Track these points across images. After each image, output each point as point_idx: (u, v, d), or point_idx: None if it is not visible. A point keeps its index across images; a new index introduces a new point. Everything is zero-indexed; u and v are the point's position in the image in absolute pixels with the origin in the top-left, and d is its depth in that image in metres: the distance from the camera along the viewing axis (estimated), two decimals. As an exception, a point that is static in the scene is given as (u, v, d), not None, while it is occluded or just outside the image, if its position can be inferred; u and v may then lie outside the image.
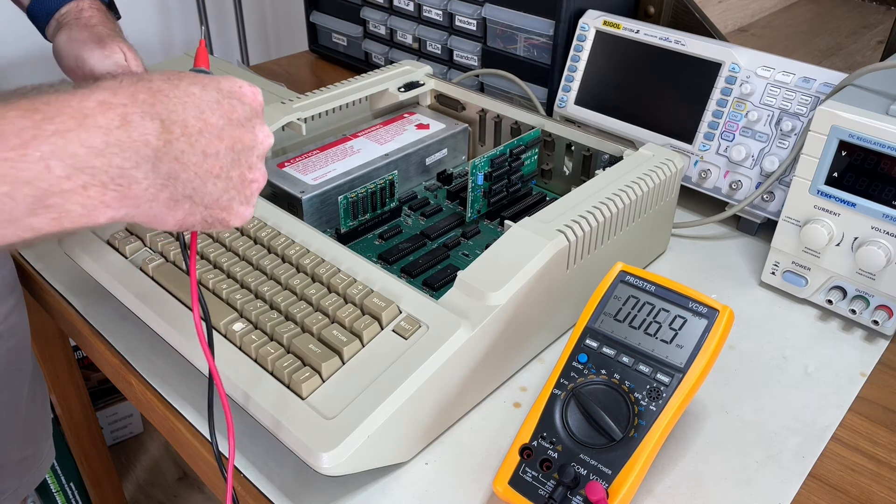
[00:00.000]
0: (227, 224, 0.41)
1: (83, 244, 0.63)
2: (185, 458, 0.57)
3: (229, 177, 0.39)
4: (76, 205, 0.33)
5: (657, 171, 0.65)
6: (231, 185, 0.39)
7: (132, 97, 0.35)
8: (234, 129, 0.39)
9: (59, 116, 0.32)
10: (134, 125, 0.34)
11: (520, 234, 0.56)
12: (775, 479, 0.51)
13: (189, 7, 1.46)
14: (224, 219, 0.40)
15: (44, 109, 0.32)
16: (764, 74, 0.73)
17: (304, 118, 0.74)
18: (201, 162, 0.37)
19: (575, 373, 0.48)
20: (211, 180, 0.38)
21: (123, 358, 0.61)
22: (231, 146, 0.39)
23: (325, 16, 1.18)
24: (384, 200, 0.70)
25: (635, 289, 0.50)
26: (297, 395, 0.47)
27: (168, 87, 0.36)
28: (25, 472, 0.81)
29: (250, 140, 0.40)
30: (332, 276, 0.55)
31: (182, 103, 0.36)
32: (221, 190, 0.39)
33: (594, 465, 0.45)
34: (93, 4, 0.63)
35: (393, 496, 0.50)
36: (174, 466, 1.44)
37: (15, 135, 0.31)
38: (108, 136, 0.33)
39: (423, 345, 0.49)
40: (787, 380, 0.59)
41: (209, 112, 0.38)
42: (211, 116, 0.38)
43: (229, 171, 0.39)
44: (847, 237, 0.62)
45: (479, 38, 0.97)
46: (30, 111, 0.32)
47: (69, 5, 0.62)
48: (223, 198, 0.39)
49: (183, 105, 0.36)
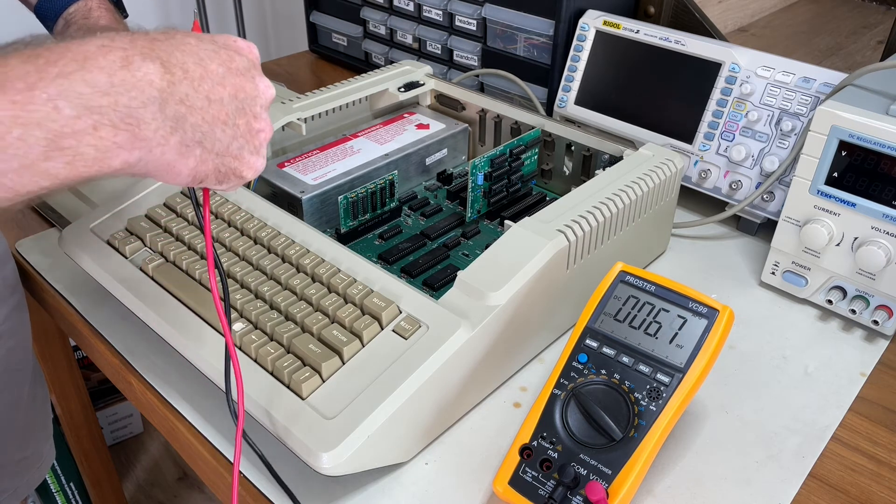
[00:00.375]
0: (240, 174, 0.41)
1: (83, 244, 0.63)
2: (185, 458, 0.57)
3: (236, 124, 0.39)
4: (89, 147, 0.33)
5: (657, 171, 0.65)
6: (239, 132, 0.39)
7: (131, 42, 0.35)
8: (235, 78, 0.39)
9: (61, 60, 0.32)
10: (135, 65, 0.34)
11: (520, 234, 0.56)
12: (775, 479, 0.51)
13: (189, 7, 1.46)
14: (237, 168, 0.40)
15: (45, 55, 0.32)
16: (764, 74, 0.73)
17: (304, 118, 0.74)
18: (206, 107, 0.37)
19: (575, 373, 0.48)
20: (219, 126, 0.38)
21: (123, 358, 0.61)
22: (234, 94, 0.39)
23: (325, 16, 1.18)
24: (384, 200, 0.70)
25: (635, 289, 0.50)
26: (297, 395, 0.47)
27: (164, 37, 0.37)
28: (25, 472, 0.81)
29: (252, 89, 0.40)
30: (332, 276, 0.55)
31: (180, 50, 0.37)
32: (230, 137, 0.39)
33: (594, 465, 0.45)
34: (101, 4, 0.63)
35: (393, 496, 0.50)
36: (174, 466, 1.44)
37: (20, 79, 0.31)
38: (111, 77, 0.33)
39: (423, 345, 0.49)
40: (787, 380, 0.59)
41: (208, 60, 0.38)
42: (210, 64, 0.38)
43: (235, 118, 0.39)
44: (847, 237, 0.62)
45: (479, 38, 0.97)
46: (32, 57, 0.32)
47: (77, 4, 0.62)
48: (233, 145, 0.39)
49: (181, 52, 0.37)
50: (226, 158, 0.39)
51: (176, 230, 0.61)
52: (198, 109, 0.37)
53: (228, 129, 0.39)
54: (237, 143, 0.40)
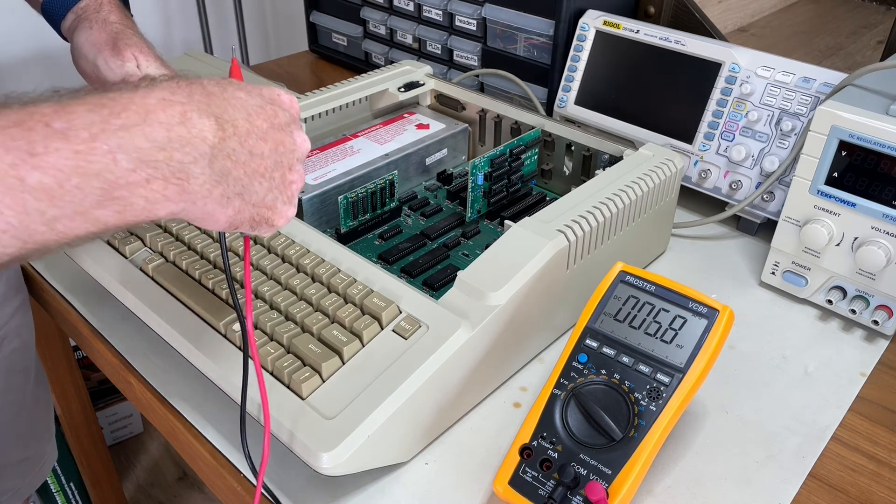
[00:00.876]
0: (272, 223, 0.42)
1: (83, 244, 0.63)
2: (185, 458, 0.57)
3: (272, 177, 0.41)
4: (140, 198, 0.34)
5: (657, 171, 0.65)
6: (274, 185, 0.41)
7: (189, 96, 0.36)
8: (276, 133, 0.41)
9: (124, 112, 0.34)
10: (193, 122, 0.36)
11: (520, 234, 0.56)
12: (775, 479, 0.51)
13: (189, 7, 1.46)
14: (270, 217, 0.42)
15: (110, 105, 0.33)
16: (764, 74, 0.73)
17: (304, 118, 0.74)
18: (249, 161, 0.39)
19: (575, 373, 0.48)
20: (257, 179, 0.40)
21: (123, 358, 0.61)
22: (274, 148, 0.41)
23: (325, 16, 1.18)
24: (384, 200, 0.70)
25: (635, 289, 0.50)
26: (297, 395, 0.47)
27: (218, 90, 0.38)
28: (28, 472, 0.82)
29: (290, 144, 0.42)
30: (332, 276, 0.55)
31: (232, 105, 0.38)
32: (266, 189, 0.41)
33: (594, 465, 0.45)
34: (111, 0, 0.63)
35: (393, 496, 0.50)
36: (174, 466, 1.44)
37: (84, 128, 0.32)
38: (169, 132, 0.34)
39: (423, 345, 0.49)
40: (787, 380, 0.59)
41: (255, 115, 0.39)
42: (257, 119, 0.39)
43: (272, 171, 0.41)
44: (847, 237, 0.62)
45: (479, 38, 0.97)
46: (97, 106, 0.33)
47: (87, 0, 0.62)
48: (268, 197, 0.41)
49: (233, 107, 0.38)
50: (261, 209, 0.41)
51: (176, 230, 0.61)
52: (241, 164, 0.38)
53: (265, 181, 0.40)
54: (272, 195, 0.41)
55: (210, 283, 0.56)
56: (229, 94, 0.39)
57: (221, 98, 0.38)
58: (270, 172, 0.41)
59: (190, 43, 1.50)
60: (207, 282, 0.56)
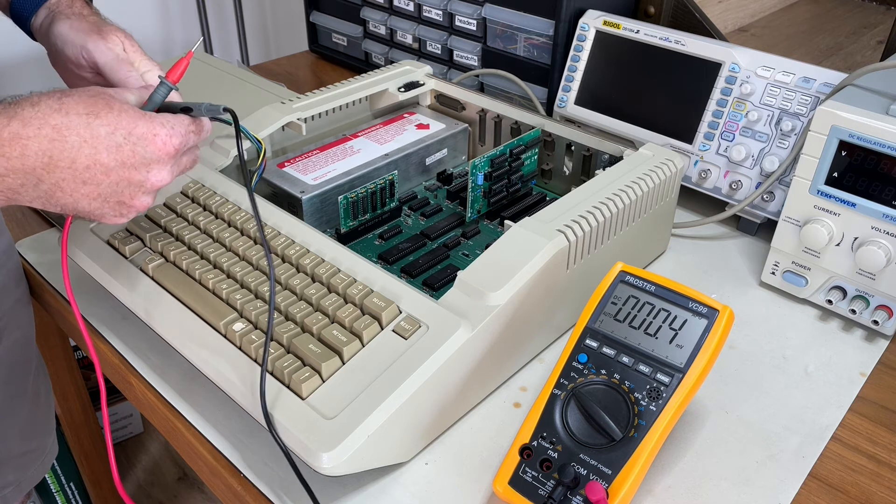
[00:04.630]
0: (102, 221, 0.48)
1: (83, 244, 0.63)
2: (185, 458, 0.57)
3: (106, 199, 0.46)
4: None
5: (657, 171, 0.65)
6: (107, 205, 0.47)
7: (38, 130, 0.43)
8: (125, 171, 0.46)
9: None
10: (29, 157, 0.42)
11: (520, 234, 0.56)
12: (775, 479, 0.51)
13: (189, 7, 1.46)
14: (99, 218, 0.48)
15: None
16: (764, 74, 0.73)
17: (304, 118, 0.74)
18: (78, 188, 0.45)
19: (575, 373, 0.48)
20: (85, 200, 0.46)
21: (123, 358, 0.61)
22: (116, 181, 0.46)
23: (325, 16, 1.18)
24: (384, 200, 0.70)
25: (635, 289, 0.50)
26: (297, 395, 0.47)
27: (76, 125, 0.44)
28: (29, 465, 0.82)
29: (139, 180, 0.47)
30: (332, 276, 0.55)
31: (78, 145, 0.44)
32: (95, 207, 0.46)
33: (594, 465, 0.45)
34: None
35: (393, 496, 0.50)
36: (174, 466, 1.44)
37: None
38: (8, 163, 0.42)
39: (423, 345, 0.49)
40: (787, 380, 0.59)
41: (104, 153, 0.45)
42: (104, 157, 0.45)
43: (107, 197, 0.46)
44: (847, 237, 0.62)
45: (479, 38, 0.97)
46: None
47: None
48: (95, 212, 0.47)
49: (79, 146, 0.44)
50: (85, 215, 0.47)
51: (176, 230, 0.61)
52: (68, 191, 0.45)
53: (96, 201, 0.46)
54: (101, 211, 0.47)
55: (210, 283, 0.56)
56: (86, 132, 0.44)
57: (71, 136, 0.43)
58: (104, 197, 0.46)
59: (190, 43, 1.50)
60: (207, 282, 0.56)
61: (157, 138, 0.46)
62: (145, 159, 0.46)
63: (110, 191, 0.46)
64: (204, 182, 0.66)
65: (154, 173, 0.47)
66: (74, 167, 0.44)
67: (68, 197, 0.45)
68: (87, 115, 0.44)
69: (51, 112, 0.43)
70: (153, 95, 0.51)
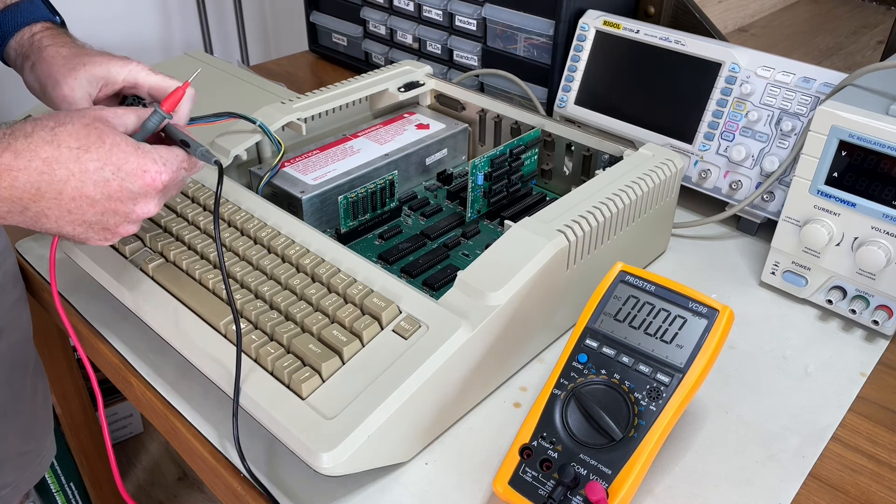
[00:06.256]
0: (85, 243, 0.49)
1: (83, 244, 0.63)
2: (185, 458, 0.57)
3: (90, 226, 0.47)
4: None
5: (657, 171, 0.65)
6: (91, 231, 0.48)
7: (28, 163, 0.44)
8: (110, 203, 0.47)
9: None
10: (17, 188, 0.44)
11: (520, 234, 0.56)
12: (775, 479, 0.51)
13: (189, 7, 1.46)
14: (80, 241, 0.49)
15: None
16: (764, 74, 0.73)
17: (304, 118, 0.74)
18: (63, 216, 0.46)
19: (575, 373, 0.48)
20: (69, 227, 0.47)
21: (123, 358, 0.61)
22: (102, 212, 0.47)
23: (325, 16, 1.18)
24: (384, 200, 0.70)
25: (635, 289, 0.50)
26: (297, 395, 0.47)
27: (66, 158, 0.44)
28: (27, 466, 0.82)
29: (125, 211, 0.47)
30: (332, 276, 0.55)
31: (66, 178, 0.45)
32: (79, 232, 0.47)
33: (594, 465, 0.45)
34: (49, 26, 0.63)
35: (393, 496, 0.50)
36: (174, 466, 1.44)
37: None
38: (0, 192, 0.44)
39: (423, 345, 0.49)
40: (787, 380, 0.59)
41: (91, 186, 0.45)
42: (91, 190, 0.45)
43: (92, 224, 0.47)
44: (847, 237, 0.62)
45: (479, 38, 0.97)
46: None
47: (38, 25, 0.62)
48: (79, 236, 0.48)
49: (66, 179, 0.45)
50: (70, 238, 0.48)
51: (176, 230, 0.61)
52: (53, 217, 0.46)
53: (80, 227, 0.47)
54: (85, 235, 0.48)
55: (210, 283, 0.56)
56: (75, 166, 0.45)
57: (60, 170, 0.44)
58: (88, 224, 0.47)
59: (190, 43, 1.50)
60: (207, 282, 0.56)
61: (146, 174, 0.47)
62: (133, 193, 0.47)
63: (95, 219, 0.47)
64: (204, 182, 0.66)
65: (140, 206, 0.48)
66: (60, 198, 0.45)
67: (53, 223, 0.46)
68: (77, 150, 0.45)
69: (42, 144, 0.44)
70: (146, 123, 0.51)
